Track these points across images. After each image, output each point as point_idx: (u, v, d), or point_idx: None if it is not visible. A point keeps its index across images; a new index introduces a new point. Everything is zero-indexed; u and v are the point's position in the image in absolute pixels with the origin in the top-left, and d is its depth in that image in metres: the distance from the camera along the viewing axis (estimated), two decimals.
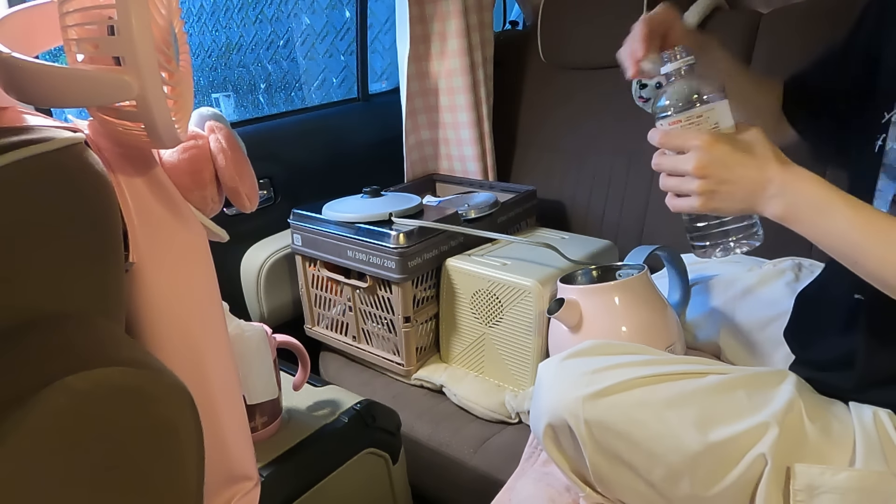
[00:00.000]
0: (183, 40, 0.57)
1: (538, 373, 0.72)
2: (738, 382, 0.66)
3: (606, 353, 0.71)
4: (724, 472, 0.60)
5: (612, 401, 0.64)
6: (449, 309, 1.08)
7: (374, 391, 1.11)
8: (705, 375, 0.66)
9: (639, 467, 0.64)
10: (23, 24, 0.55)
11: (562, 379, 0.68)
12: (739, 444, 0.60)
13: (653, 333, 0.86)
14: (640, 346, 0.75)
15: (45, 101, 0.47)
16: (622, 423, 0.63)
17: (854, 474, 0.57)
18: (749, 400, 0.64)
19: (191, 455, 0.44)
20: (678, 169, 0.60)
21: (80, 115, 0.58)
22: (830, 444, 0.61)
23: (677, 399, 0.63)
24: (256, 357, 0.78)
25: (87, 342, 0.40)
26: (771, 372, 0.69)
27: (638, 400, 0.64)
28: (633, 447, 0.63)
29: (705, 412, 0.62)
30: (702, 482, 0.61)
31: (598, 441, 0.64)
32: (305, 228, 1.13)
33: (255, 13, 4.06)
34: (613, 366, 0.67)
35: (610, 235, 1.27)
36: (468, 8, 1.35)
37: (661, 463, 0.62)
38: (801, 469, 0.58)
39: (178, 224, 0.59)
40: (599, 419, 0.64)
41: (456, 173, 1.48)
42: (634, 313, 0.86)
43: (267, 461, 0.77)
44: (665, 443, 0.62)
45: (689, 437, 0.61)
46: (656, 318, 0.87)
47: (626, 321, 0.86)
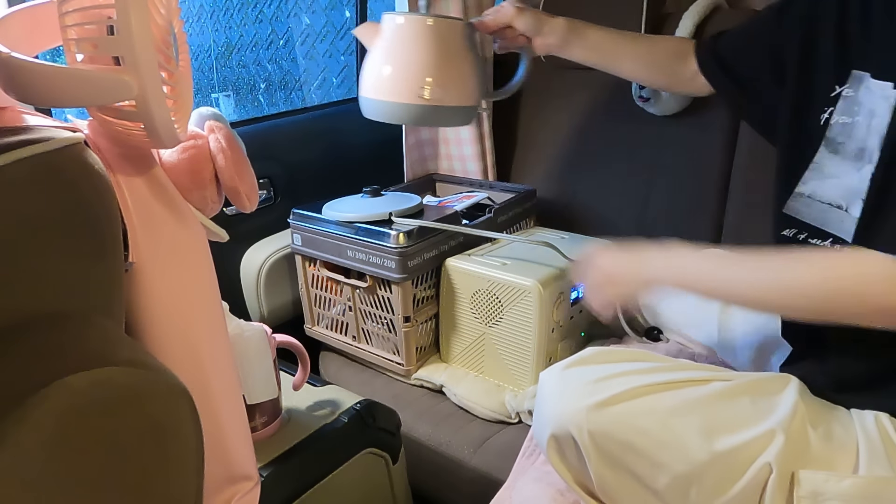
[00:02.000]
0: (182, 40, 0.57)
1: (539, 382, 0.72)
2: (742, 389, 0.65)
3: (609, 360, 0.71)
4: (732, 481, 0.59)
5: (616, 410, 0.63)
6: (449, 309, 1.07)
7: (374, 391, 1.11)
8: (709, 382, 0.66)
9: (644, 477, 0.63)
10: (23, 24, 0.55)
11: (564, 389, 0.67)
12: (746, 452, 0.60)
13: (457, 83, 0.90)
14: (643, 353, 0.75)
15: (45, 100, 0.47)
16: (626, 433, 0.63)
17: (858, 481, 0.57)
18: (753, 407, 0.63)
19: (190, 455, 0.44)
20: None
21: (80, 115, 0.58)
22: (833, 449, 0.60)
23: (681, 407, 0.63)
24: (256, 357, 0.78)
25: (86, 342, 0.40)
26: (774, 377, 0.69)
27: (642, 409, 0.63)
28: (638, 457, 0.62)
29: (710, 420, 0.62)
30: (708, 492, 0.60)
31: (603, 451, 0.64)
32: (305, 228, 1.13)
33: (255, 13, 4.06)
34: (616, 374, 0.66)
35: (610, 235, 1.27)
36: (468, 8, 1.35)
37: (666, 472, 0.61)
38: (806, 476, 0.58)
39: (178, 224, 0.59)
40: (603, 430, 0.63)
41: (456, 173, 1.47)
42: (442, 59, 0.89)
43: (267, 461, 0.77)
44: (670, 452, 0.61)
45: (694, 445, 0.60)
46: (463, 70, 0.91)
47: (429, 64, 0.88)
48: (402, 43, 0.90)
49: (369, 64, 0.92)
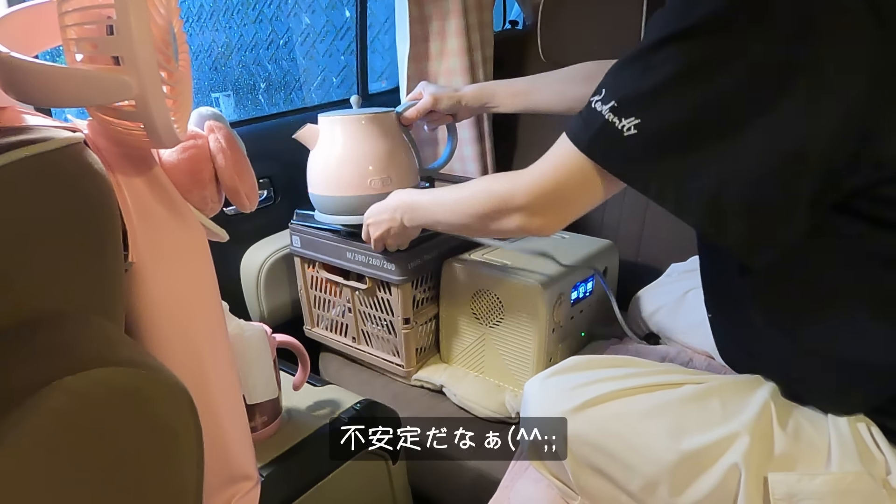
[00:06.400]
0: (182, 40, 0.57)
1: (524, 390, 0.74)
2: (713, 391, 0.66)
3: (589, 367, 0.73)
4: (699, 481, 0.60)
5: (590, 414, 0.65)
6: (449, 309, 1.07)
7: (374, 391, 1.11)
8: (681, 385, 0.67)
9: (618, 479, 0.65)
10: (22, 23, 0.55)
11: (546, 396, 0.70)
12: (711, 452, 0.60)
13: (395, 168, 1.02)
14: (624, 359, 0.76)
15: (45, 100, 0.47)
16: (600, 437, 0.65)
17: (829, 478, 0.57)
18: (723, 409, 0.64)
19: (190, 455, 0.44)
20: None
21: (80, 115, 0.58)
22: (801, 448, 0.61)
23: (652, 411, 0.64)
24: (256, 357, 0.78)
25: (86, 342, 0.40)
26: (748, 379, 0.69)
27: (614, 413, 0.65)
28: (611, 459, 0.64)
29: (679, 422, 0.63)
30: (677, 490, 0.61)
31: (578, 454, 0.66)
32: (305, 230, 1.12)
33: (255, 13, 4.06)
34: (593, 381, 0.68)
35: (610, 235, 1.27)
36: (468, 7, 1.35)
37: (638, 474, 0.63)
38: (778, 478, 0.58)
39: (178, 224, 0.59)
40: (578, 433, 0.65)
41: (455, 173, 1.47)
42: (378, 145, 1.02)
43: (267, 461, 0.77)
44: (641, 454, 0.63)
45: (662, 447, 0.62)
46: (399, 156, 1.04)
47: (371, 151, 1.02)
48: (346, 140, 1.02)
49: (319, 163, 1.05)
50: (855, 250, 0.57)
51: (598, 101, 0.58)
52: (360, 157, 1.02)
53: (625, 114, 0.55)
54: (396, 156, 1.04)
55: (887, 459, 0.59)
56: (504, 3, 1.82)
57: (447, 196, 0.80)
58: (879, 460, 0.59)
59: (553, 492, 0.74)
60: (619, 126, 0.56)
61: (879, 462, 0.59)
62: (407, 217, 0.88)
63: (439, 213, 0.82)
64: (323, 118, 1.04)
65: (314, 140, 1.05)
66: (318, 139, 1.04)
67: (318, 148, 1.05)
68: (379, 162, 1.02)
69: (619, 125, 0.56)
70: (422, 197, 0.86)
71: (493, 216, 0.71)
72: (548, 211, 0.66)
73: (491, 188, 0.72)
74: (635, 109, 0.55)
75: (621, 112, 0.56)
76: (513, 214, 0.68)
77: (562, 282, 0.97)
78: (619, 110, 0.56)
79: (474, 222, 0.75)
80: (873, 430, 0.61)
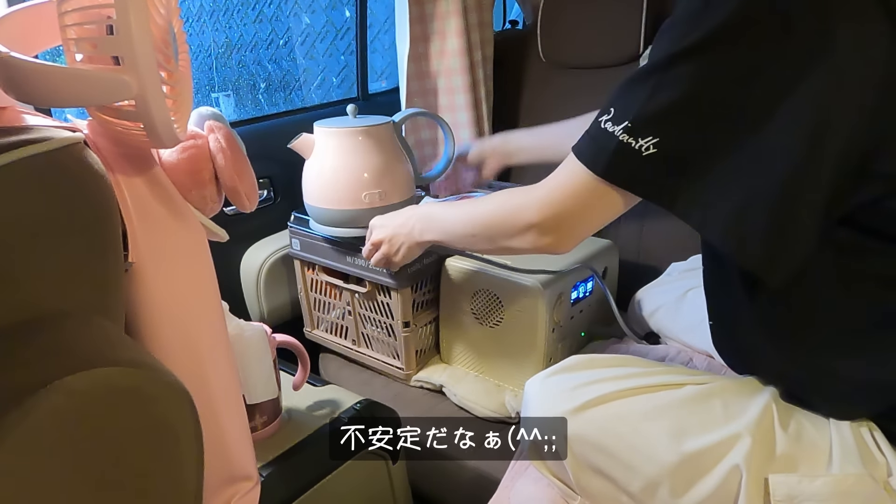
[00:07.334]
0: (182, 40, 0.57)
1: (524, 390, 0.74)
2: (715, 392, 0.66)
3: (590, 367, 0.72)
4: (701, 483, 0.60)
5: (590, 415, 0.65)
6: (449, 309, 1.07)
7: (374, 391, 1.11)
8: (682, 386, 0.67)
9: (618, 479, 0.65)
10: (22, 23, 0.55)
11: (546, 396, 0.69)
12: (712, 454, 0.60)
13: (389, 179, 1.02)
14: (625, 358, 0.76)
15: (44, 100, 0.47)
16: (600, 437, 0.64)
17: (830, 479, 0.57)
18: (724, 410, 0.64)
19: (190, 455, 0.44)
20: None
21: (80, 115, 0.58)
22: (803, 449, 0.61)
23: (653, 411, 0.64)
24: (256, 357, 0.78)
25: (86, 342, 0.40)
26: (750, 380, 0.69)
27: (615, 413, 0.65)
28: (612, 460, 0.64)
29: (680, 423, 0.63)
30: (678, 491, 0.61)
31: (579, 455, 0.66)
32: (304, 232, 1.12)
33: (255, 13, 4.06)
34: (594, 381, 0.68)
35: (610, 235, 1.27)
36: (468, 7, 1.35)
37: (638, 475, 0.63)
38: (779, 479, 0.58)
39: (178, 224, 0.59)
40: (579, 434, 0.65)
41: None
42: (373, 157, 1.01)
43: (267, 461, 0.77)
44: (642, 455, 0.62)
45: (663, 448, 0.62)
46: (394, 169, 1.03)
47: (366, 163, 1.01)
48: (340, 154, 1.02)
49: (313, 174, 1.04)
50: (855, 265, 0.56)
51: (608, 120, 0.56)
52: (354, 172, 1.00)
53: (641, 134, 0.54)
54: (391, 169, 1.03)
55: (889, 461, 0.59)
56: (504, 3, 1.82)
57: (463, 207, 0.79)
58: (881, 462, 0.59)
59: (553, 492, 0.74)
60: (635, 147, 0.55)
61: (881, 464, 0.59)
62: (419, 227, 0.85)
63: (454, 224, 0.80)
64: (319, 128, 1.03)
65: (309, 150, 1.04)
66: (313, 149, 1.03)
67: (313, 158, 1.04)
68: (374, 177, 1.01)
69: (635, 146, 0.55)
70: (438, 208, 0.86)
71: (505, 231, 0.70)
72: (560, 229, 0.65)
73: (504, 202, 0.71)
74: (653, 129, 0.54)
75: (637, 132, 0.54)
76: (525, 233, 0.67)
77: (562, 282, 0.97)
78: (634, 130, 0.54)
79: (487, 234, 0.73)
80: (875, 433, 0.61)
